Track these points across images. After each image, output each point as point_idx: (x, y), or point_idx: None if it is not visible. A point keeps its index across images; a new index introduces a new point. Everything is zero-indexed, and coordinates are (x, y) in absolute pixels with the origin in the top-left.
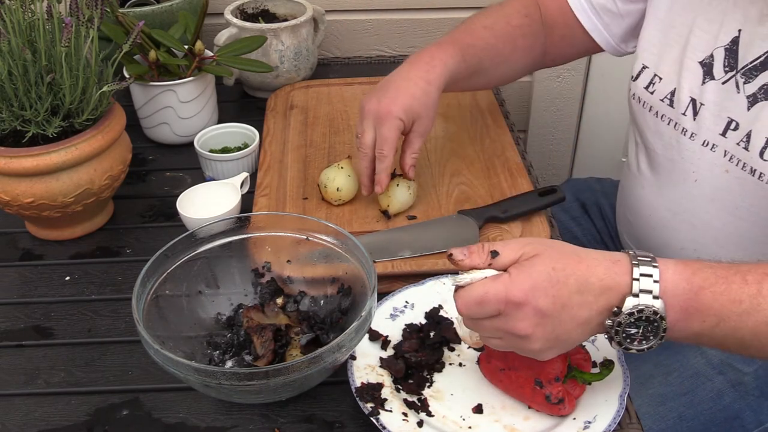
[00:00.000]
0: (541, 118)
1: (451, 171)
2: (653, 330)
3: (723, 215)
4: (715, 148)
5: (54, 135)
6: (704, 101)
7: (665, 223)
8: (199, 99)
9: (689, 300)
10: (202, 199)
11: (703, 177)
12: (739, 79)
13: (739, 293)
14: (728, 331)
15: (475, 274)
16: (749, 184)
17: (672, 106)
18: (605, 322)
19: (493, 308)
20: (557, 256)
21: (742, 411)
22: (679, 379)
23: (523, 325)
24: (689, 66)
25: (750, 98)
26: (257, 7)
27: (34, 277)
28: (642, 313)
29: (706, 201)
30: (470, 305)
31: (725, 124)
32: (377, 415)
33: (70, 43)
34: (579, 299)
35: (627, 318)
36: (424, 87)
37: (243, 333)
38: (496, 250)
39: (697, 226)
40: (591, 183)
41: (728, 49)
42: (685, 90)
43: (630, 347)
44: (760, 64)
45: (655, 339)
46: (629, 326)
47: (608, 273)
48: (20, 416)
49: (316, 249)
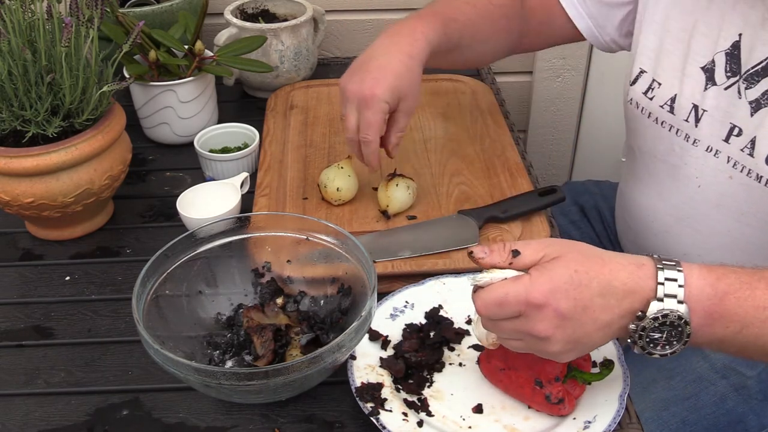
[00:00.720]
0: (541, 118)
1: (451, 171)
2: (677, 335)
3: (728, 221)
4: (719, 154)
5: (54, 135)
6: (706, 107)
7: (668, 228)
8: (199, 99)
9: (714, 305)
10: (202, 199)
11: (707, 183)
12: (741, 85)
13: (764, 299)
14: (751, 337)
15: (494, 274)
16: (755, 191)
17: (672, 113)
18: (629, 326)
19: (513, 309)
20: (580, 258)
21: (746, 415)
22: (682, 384)
23: (543, 326)
24: (691, 72)
25: (753, 104)
26: (257, 7)
27: (34, 277)
28: (666, 318)
29: (711, 207)
30: (490, 306)
31: (728, 130)
32: (377, 415)
33: (70, 43)
34: (601, 302)
35: (651, 323)
36: (408, 63)
37: (243, 333)
38: (517, 250)
39: (702, 231)
40: (589, 186)
41: (729, 53)
42: (687, 96)
43: (653, 352)
44: (761, 69)
45: (679, 344)
46: (653, 331)
47: (632, 277)
48: (20, 416)
49: (316, 249)
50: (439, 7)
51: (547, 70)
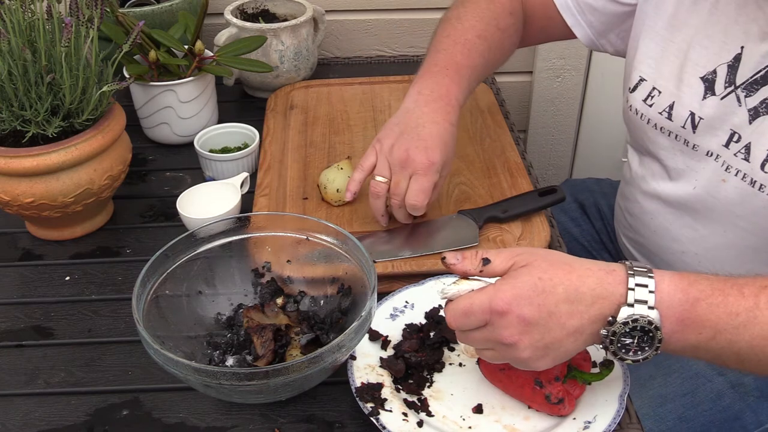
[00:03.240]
0: (541, 118)
1: (451, 171)
2: (648, 340)
3: (723, 223)
4: (719, 158)
5: (54, 135)
6: (703, 115)
7: (667, 226)
8: (199, 99)
9: (685, 311)
10: (202, 199)
11: (702, 186)
12: (740, 93)
13: (736, 306)
14: (724, 344)
15: (461, 286)
16: (749, 195)
17: (671, 119)
18: (600, 331)
19: (478, 318)
20: (546, 266)
21: (743, 412)
22: (679, 380)
23: (509, 333)
24: (689, 81)
25: (752, 111)
26: (257, 7)
27: (34, 277)
28: (637, 323)
29: (707, 208)
30: (458, 317)
31: (728, 136)
32: (377, 415)
33: (70, 43)
34: (568, 308)
35: (621, 327)
36: (452, 132)
37: (243, 333)
38: (488, 258)
39: (699, 231)
40: (589, 184)
41: (731, 65)
42: (685, 104)
43: (625, 357)
44: (761, 78)
45: (651, 350)
46: (624, 336)
47: (601, 283)
48: (20, 416)
49: (316, 249)
50: (459, 57)
51: (547, 70)
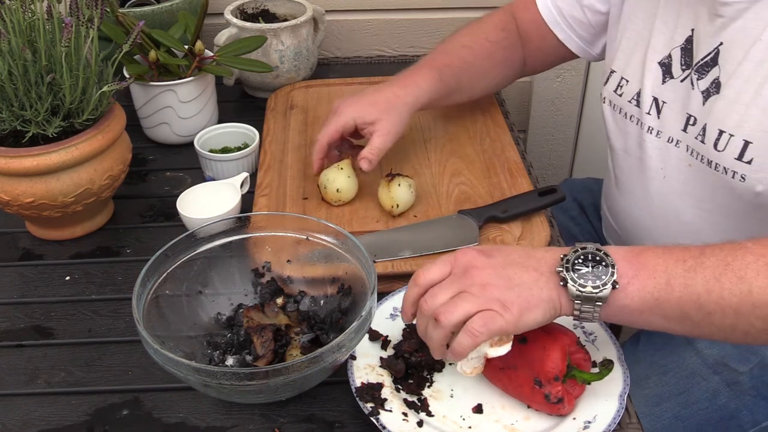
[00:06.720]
0: (541, 118)
1: (451, 171)
2: (603, 269)
3: (692, 210)
4: (679, 144)
5: (54, 135)
6: (665, 99)
7: (642, 222)
8: (199, 99)
9: (632, 258)
10: (202, 199)
11: (671, 173)
12: (693, 76)
13: (682, 254)
14: (682, 289)
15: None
16: (709, 177)
17: (638, 107)
18: (556, 268)
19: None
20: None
21: (738, 410)
22: (675, 379)
23: (468, 257)
24: (650, 67)
25: (704, 93)
26: (257, 7)
27: (34, 277)
28: (586, 250)
29: (676, 197)
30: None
31: (685, 119)
32: (377, 415)
33: (70, 43)
34: (523, 251)
35: (573, 254)
36: (391, 98)
37: (243, 333)
38: None
39: (671, 222)
40: (588, 183)
41: (683, 48)
42: (648, 90)
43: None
44: (710, 60)
45: (607, 277)
46: (578, 264)
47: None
48: (20, 416)
49: (316, 249)
50: (436, 56)
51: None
